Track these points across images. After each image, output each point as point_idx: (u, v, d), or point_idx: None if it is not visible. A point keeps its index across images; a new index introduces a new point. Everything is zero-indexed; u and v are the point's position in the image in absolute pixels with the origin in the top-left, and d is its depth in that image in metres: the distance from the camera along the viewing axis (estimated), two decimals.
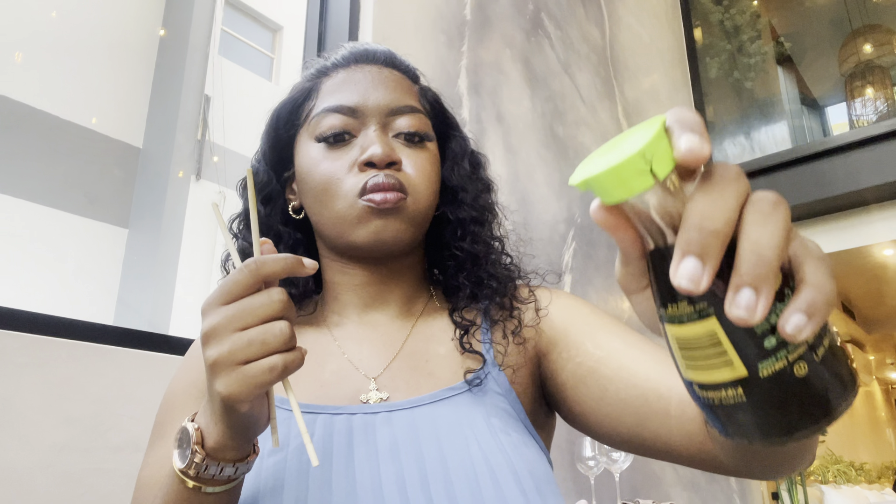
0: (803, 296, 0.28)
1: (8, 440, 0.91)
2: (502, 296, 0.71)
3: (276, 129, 0.75)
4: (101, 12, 1.48)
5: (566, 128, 2.29)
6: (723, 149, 3.72)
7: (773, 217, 0.28)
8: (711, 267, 0.27)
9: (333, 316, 0.73)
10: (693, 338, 0.29)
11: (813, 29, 5.28)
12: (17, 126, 1.27)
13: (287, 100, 0.76)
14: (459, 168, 0.76)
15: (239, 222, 0.77)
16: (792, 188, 3.24)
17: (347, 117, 0.69)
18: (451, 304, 0.73)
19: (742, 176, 0.29)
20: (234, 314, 0.46)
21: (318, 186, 0.68)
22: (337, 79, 0.73)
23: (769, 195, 0.29)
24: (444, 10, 1.90)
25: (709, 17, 4.05)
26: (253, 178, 0.75)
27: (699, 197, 0.28)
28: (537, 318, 0.70)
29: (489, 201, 0.77)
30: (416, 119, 0.71)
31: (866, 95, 4.54)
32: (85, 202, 1.33)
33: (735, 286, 0.27)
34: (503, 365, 0.68)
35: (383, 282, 0.72)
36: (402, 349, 0.69)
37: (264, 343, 0.45)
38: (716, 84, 3.95)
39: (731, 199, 0.28)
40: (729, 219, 0.27)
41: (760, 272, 0.27)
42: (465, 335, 0.69)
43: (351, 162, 0.67)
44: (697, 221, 0.27)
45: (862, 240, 3.20)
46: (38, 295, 1.25)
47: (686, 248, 0.27)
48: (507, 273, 0.73)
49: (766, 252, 0.27)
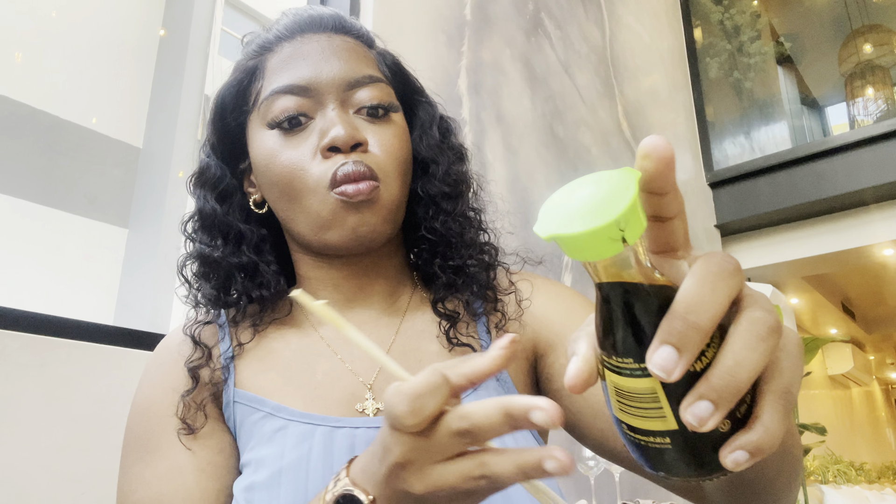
0: (752, 436, 0.28)
1: (8, 440, 0.91)
2: (481, 285, 0.66)
3: (222, 118, 0.67)
4: (101, 12, 1.49)
5: (566, 128, 2.29)
6: (723, 149, 3.73)
7: (764, 344, 0.27)
8: (686, 360, 0.27)
9: (314, 314, 0.67)
10: (632, 390, 0.29)
11: (813, 29, 5.28)
12: (17, 126, 1.28)
13: (230, 82, 0.67)
14: (428, 137, 0.69)
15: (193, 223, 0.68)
16: (792, 188, 3.24)
17: (300, 98, 0.62)
18: (433, 294, 0.68)
19: (739, 272, 0.28)
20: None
21: (281, 180, 0.61)
22: (283, 54, 0.65)
23: (768, 319, 0.28)
24: (444, 10, 1.90)
25: (709, 16, 4.05)
26: (207, 173, 0.67)
27: (692, 287, 0.27)
28: (520, 311, 0.67)
29: (462, 170, 0.70)
30: (377, 89, 0.64)
31: (866, 95, 4.54)
32: (85, 202, 1.34)
33: (698, 394, 0.27)
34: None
35: (364, 275, 0.66)
36: (392, 349, 0.64)
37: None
38: (716, 84, 3.95)
39: (722, 297, 0.27)
40: (716, 316, 0.27)
41: (727, 395, 0.27)
42: (452, 328, 0.64)
43: (313, 148, 0.61)
44: (684, 312, 0.27)
45: (862, 240, 3.20)
46: (38, 295, 1.26)
47: (667, 336, 0.27)
48: (485, 259, 0.68)
49: (743, 377, 0.27)
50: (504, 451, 0.36)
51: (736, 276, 0.28)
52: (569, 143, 2.28)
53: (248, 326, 0.67)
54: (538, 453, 0.35)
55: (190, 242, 0.68)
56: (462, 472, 0.36)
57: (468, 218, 0.69)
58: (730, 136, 3.91)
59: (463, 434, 0.36)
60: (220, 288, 0.66)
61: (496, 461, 0.36)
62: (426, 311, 0.68)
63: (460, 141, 0.73)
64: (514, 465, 0.35)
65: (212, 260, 0.65)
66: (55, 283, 1.45)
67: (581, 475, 1.75)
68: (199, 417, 0.61)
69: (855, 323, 6.51)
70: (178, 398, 0.61)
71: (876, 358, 8.17)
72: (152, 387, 0.64)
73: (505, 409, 0.35)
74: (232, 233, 0.66)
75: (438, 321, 0.66)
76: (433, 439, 0.36)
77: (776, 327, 0.28)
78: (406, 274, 0.71)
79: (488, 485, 0.36)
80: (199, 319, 0.67)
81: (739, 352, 0.27)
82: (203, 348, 0.64)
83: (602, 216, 0.27)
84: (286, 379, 0.62)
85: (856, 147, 3.09)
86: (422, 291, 0.71)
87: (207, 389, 0.63)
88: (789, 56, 5.14)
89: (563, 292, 0.69)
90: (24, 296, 1.39)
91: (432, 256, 0.67)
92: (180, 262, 0.67)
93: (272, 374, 0.63)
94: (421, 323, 0.67)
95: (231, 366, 0.64)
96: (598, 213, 0.27)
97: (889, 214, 3.11)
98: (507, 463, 0.36)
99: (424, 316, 0.68)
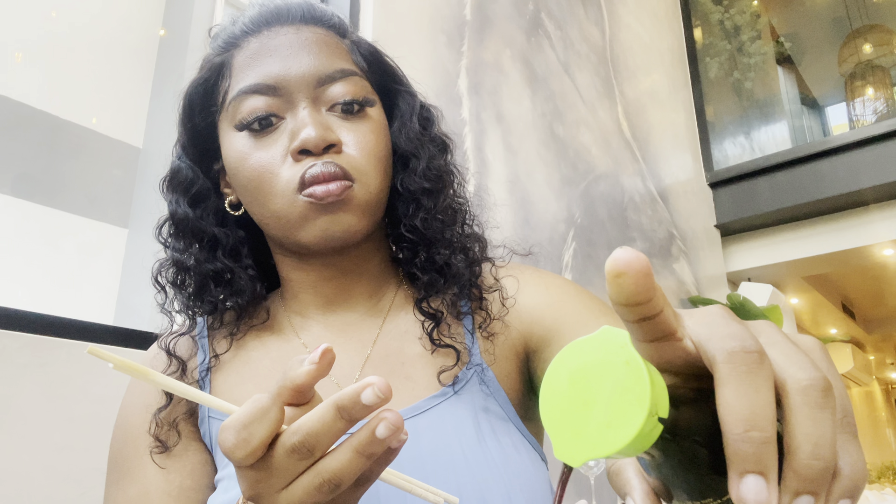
0: (844, 482, 0.25)
1: (8, 440, 0.91)
2: (465, 283, 0.63)
3: (191, 118, 0.64)
4: (101, 12, 1.48)
5: (566, 128, 2.29)
6: (723, 149, 3.73)
7: (827, 408, 0.24)
8: (774, 480, 0.24)
9: (296, 317, 0.65)
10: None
11: (813, 29, 5.28)
12: (17, 126, 1.28)
13: (197, 80, 0.64)
14: (408, 129, 0.65)
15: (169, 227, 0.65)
16: (792, 188, 3.24)
17: (269, 97, 0.58)
18: (416, 293, 0.65)
19: (765, 357, 0.25)
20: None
21: (250, 184, 0.58)
22: (249, 50, 0.61)
23: (813, 376, 0.25)
24: (444, 10, 1.90)
25: (709, 17, 4.05)
26: (178, 176, 0.65)
27: (732, 397, 0.24)
28: (505, 310, 0.64)
29: (443, 163, 0.66)
30: (350, 84, 0.60)
31: (866, 95, 4.54)
32: (85, 202, 1.34)
33: (794, 491, 0.24)
34: (490, 362, 0.62)
35: (344, 275, 0.63)
36: (374, 351, 0.62)
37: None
38: (716, 84, 3.95)
39: (766, 393, 0.24)
40: (773, 418, 0.24)
41: (823, 480, 0.24)
42: (435, 329, 0.61)
43: (283, 151, 0.58)
44: (741, 431, 0.23)
45: (862, 240, 3.20)
46: (38, 295, 1.26)
47: (742, 465, 0.23)
48: (469, 256, 0.64)
49: (828, 455, 0.24)
50: (338, 446, 0.35)
51: (763, 361, 0.25)
52: (569, 143, 2.28)
53: (226, 335, 0.65)
54: (367, 425, 0.34)
55: (165, 248, 0.65)
56: (304, 488, 0.34)
57: (451, 213, 0.65)
58: (730, 136, 3.91)
59: (298, 449, 0.34)
60: (195, 295, 0.63)
61: (331, 460, 0.34)
62: (410, 311, 0.65)
63: (443, 131, 0.69)
64: (349, 452, 0.34)
65: (186, 267, 0.63)
66: (55, 283, 1.45)
67: (581, 475, 1.75)
68: (171, 436, 0.60)
69: (855, 323, 6.51)
70: (151, 416, 0.60)
71: (876, 358, 8.17)
72: (128, 405, 0.63)
73: (334, 404, 0.34)
74: (206, 238, 0.63)
75: (422, 321, 0.63)
76: (273, 465, 0.34)
77: (825, 380, 0.25)
78: (390, 272, 0.68)
79: (335, 488, 0.34)
80: (173, 331, 0.65)
81: (811, 432, 0.24)
82: (178, 361, 0.62)
83: (630, 417, 0.24)
84: (263, 390, 0.59)
85: (856, 147, 3.09)
86: (406, 290, 0.67)
87: (183, 405, 0.61)
88: (789, 56, 5.14)
89: (553, 283, 0.66)
90: (24, 296, 1.39)
91: (413, 255, 0.64)
92: (155, 269, 0.64)
93: (249, 387, 0.61)
94: (404, 323, 0.64)
95: (207, 378, 0.63)
96: (622, 414, 0.24)
97: (889, 214, 3.11)
98: (342, 455, 0.34)
99: (408, 316, 0.65)
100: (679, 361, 0.27)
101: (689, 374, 0.27)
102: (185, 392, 0.37)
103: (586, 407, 0.26)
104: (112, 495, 0.59)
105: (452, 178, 0.67)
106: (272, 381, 0.60)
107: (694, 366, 0.27)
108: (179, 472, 0.59)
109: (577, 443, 0.26)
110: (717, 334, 0.26)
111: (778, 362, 0.26)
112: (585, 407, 0.26)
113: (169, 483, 0.58)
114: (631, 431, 0.24)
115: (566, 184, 2.19)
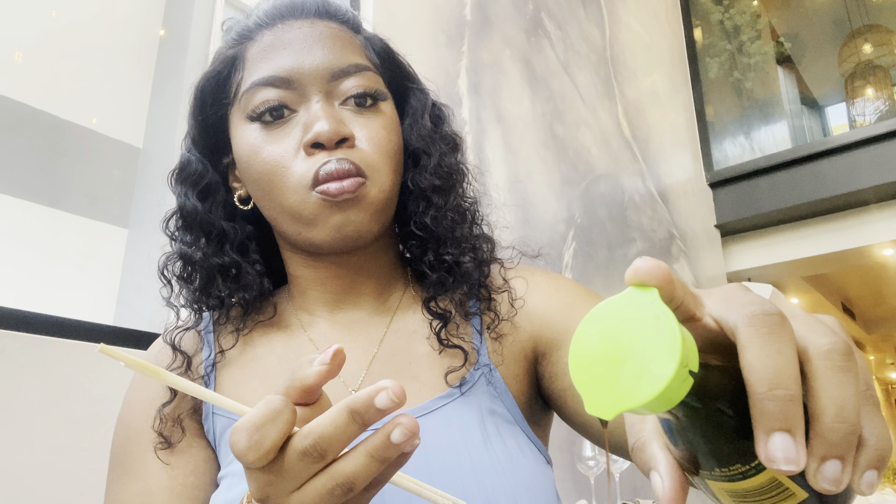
0: (870, 452, 0.25)
1: (8, 440, 0.91)
2: (474, 283, 0.63)
3: (202, 111, 0.64)
4: (101, 12, 1.48)
5: (566, 128, 2.29)
6: (723, 149, 3.73)
7: (850, 372, 0.25)
8: (801, 437, 0.24)
9: (303, 314, 0.64)
10: (751, 488, 0.27)
11: (813, 29, 5.28)
12: (17, 126, 1.27)
13: (209, 73, 0.63)
14: (419, 127, 0.65)
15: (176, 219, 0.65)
16: (792, 188, 3.24)
17: (282, 90, 0.58)
18: (424, 292, 0.64)
19: (786, 319, 0.25)
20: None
21: (262, 177, 0.58)
22: (263, 42, 0.61)
23: (834, 340, 0.25)
24: (444, 10, 1.90)
25: (709, 17, 4.06)
26: (188, 169, 0.64)
27: (755, 358, 0.24)
28: (514, 311, 0.63)
29: (455, 161, 0.66)
30: (364, 78, 0.60)
31: (866, 95, 4.54)
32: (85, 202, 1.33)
33: (821, 456, 0.24)
34: (498, 363, 0.61)
35: (353, 273, 0.63)
36: (381, 350, 0.61)
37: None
38: (716, 84, 3.95)
39: (789, 352, 0.24)
40: (797, 376, 0.24)
41: (849, 444, 0.24)
42: (443, 328, 0.61)
43: (295, 144, 0.57)
44: (766, 390, 0.24)
45: (862, 240, 3.20)
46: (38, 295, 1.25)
47: (769, 423, 0.24)
48: (478, 256, 0.64)
49: (853, 418, 0.24)
50: (352, 449, 0.34)
51: (784, 324, 0.25)
52: (569, 143, 2.28)
53: (232, 331, 0.64)
54: (382, 429, 0.34)
55: (172, 242, 0.64)
56: (316, 491, 0.34)
57: (461, 212, 0.64)
58: (730, 136, 3.91)
59: (310, 452, 0.33)
60: (202, 290, 0.63)
61: (345, 464, 0.34)
62: (418, 311, 0.64)
63: (454, 129, 0.69)
64: (363, 456, 0.34)
65: (193, 260, 0.62)
66: (55, 283, 1.45)
67: (581, 475, 1.75)
68: (175, 432, 0.59)
69: (855, 323, 6.51)
70: (155, 412, 0.59)
71: (876, 358, 8.17)
72: (132, 401, 0.62)
73: (347, 408, 0.33)
74: (214, 231, 0.63)
75: (430, 320, 0.62)
76: (284, 468, 0.34)
77: (846, 345, 0.25)
78: (398, 270, 0.67)
79: (348, 491, 0.34)
80: (179, 326, 0.64)
81: (835, 395, 0.24)
82: (183, 356, 0.62)
83: (661, 367, 0.24)
84: (269, 388, 0.60)
85: (856, 147, 3.09)
86: (414, 289, 0.67)
87: (187, 401, 0.61)
88: (789, 56, 5.15)
89: (563, 286, 0.65)
90: (24, 296, 1.39)
91: (422, 253, 0.63)
92: (161, 262, 0.63)
93: (254, 384, 0.61)
94: (412, 323, 0.64)
95: (212, 375, 0.62)
96: (653, 365, 0.24)
97: (889, 214, 3.11)
98: (355, 459, 0.34)
99: (416, 315, 0.64)
100: (700, 340, 0.27)
101: (713, 351, 0.28)
102: (197, 392, 0.37)
103: (617, 361, 0.26)
104: (114, 492, 0.59)
105: (463, 176, 0.67)
106: (278, 378, 0.60)
107: (717, 343, 0.27)
108: (183, 468, 0.59)
109: (608, 396, 0.26)
110: (736, 304, 0.26)
111: (799, 332, 0.26)
112: (616, 361, 0.26)
113: (172, 480, 0.58)
114: (662, 381, 0.24)
115: (566, 184, 2.19)
